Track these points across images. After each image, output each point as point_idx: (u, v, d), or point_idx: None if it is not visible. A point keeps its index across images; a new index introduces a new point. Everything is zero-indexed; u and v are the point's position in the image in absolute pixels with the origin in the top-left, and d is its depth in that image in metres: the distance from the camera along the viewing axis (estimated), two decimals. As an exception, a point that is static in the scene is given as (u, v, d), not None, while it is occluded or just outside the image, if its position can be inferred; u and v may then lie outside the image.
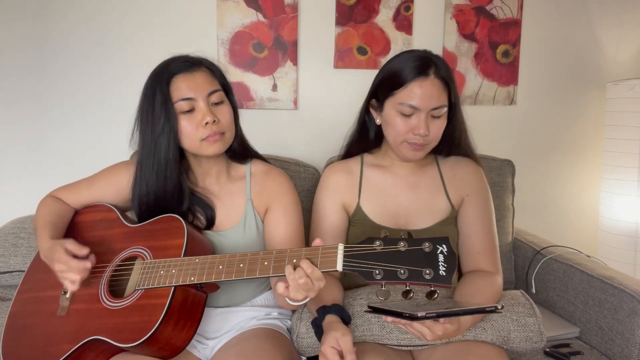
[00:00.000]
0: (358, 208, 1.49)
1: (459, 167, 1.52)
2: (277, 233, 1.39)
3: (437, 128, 1.38)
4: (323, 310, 1.26)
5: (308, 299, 1.12)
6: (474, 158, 1.55)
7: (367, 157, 1.56)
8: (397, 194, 1.49)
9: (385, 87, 1.40)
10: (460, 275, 1.50)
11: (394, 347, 1.34)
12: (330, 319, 1.23)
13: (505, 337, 1.31)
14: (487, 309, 1.08)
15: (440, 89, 1.35)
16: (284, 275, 1.08)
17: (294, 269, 1.07)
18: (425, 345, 1.31)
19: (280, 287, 1.09)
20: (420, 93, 1.33)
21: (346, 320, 1.26)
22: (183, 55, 1.35)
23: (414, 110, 1.35)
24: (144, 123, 1.32)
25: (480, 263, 1.44)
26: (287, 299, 1.15)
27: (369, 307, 1.20)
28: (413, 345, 1.32)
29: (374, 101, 1.46)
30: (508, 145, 2.39)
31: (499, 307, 1.06)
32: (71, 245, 1.25)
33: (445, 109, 1.37)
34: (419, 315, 1.01)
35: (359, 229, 1.49)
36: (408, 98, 1.34)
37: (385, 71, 1.43)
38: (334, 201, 1.50)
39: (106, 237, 1.38)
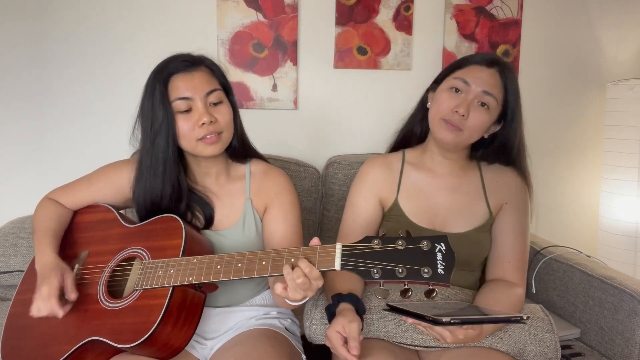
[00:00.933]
0: (395, 203, 1.47)
1: (502, 175, 1.49)
2: (276, 232, 1.39)
3: (478, 119, 1.36)
4: (338, 298, 1.25)
5: (307, 298, 1.12)
6: (525, 174, 1.53)
7: (409, 154, 1.53)
8: (436, 195, 1.47)
9: (449, 68, 1.44)
10: (482, 280, 1.50)
11: (407, 346, 1.33)
12: (344, 307, 1.22)
13: (521, 349, 1.29)
14: (512, 319, 1.07)
15: (498, 83, 1.37)
16: (282, 275, 1.08)
17: (292, 268, 1.07)
18: (438, 347, 1.30)
19: (279, 287, 1.08)
20: (477, 74, 1.36)
21: (360, 311, 1.24)
22: (185, 53, 1.35)
23: (464, 86, 1.36)
24: (144, 121, 1.33)
25: (506, 273, 1.42)
26: (285, 299, 1.15)
27: (388, 305, 1.20)
28: (427, 346, 1.31)
29: (434, 85, 1.47)
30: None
31: (524, 318, 1.06)
32: (69, 281, 1.24)
33: (496, 102, 1.37)
34: (443, 320, 1.01)
35: (394, 225, 1.46)
36: (464, 74, 1.38)
37: (456, 60, 1.47)
38: (370, 195, 1.48)
39: (104, 237, 1.37)
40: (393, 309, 1.17)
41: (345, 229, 1.49)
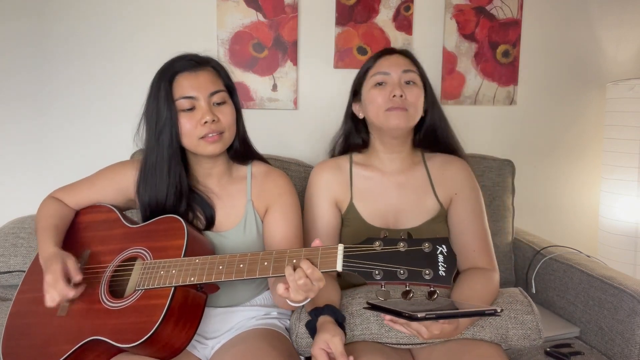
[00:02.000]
0: (351, 205, 1.50)
1: (448, 166, 1.53)
2: (276, 234, 1.39)
3: (414, 94, 1.43)
4: (315, 312, 1.26)
5: (308, 299, 1.12)
6: (462, 155, 1.57)
7: (356, 156, 1.57)
8: (386, 194, 1.50)
9: (359, 78, 1.53)
10: (456, 273, 1.50)
11: (393, 345, 1.34)
12: (324, 320, 1.23)
13: (504, 335, 1.31)
14: (486, 312, 1.08)
15: (408, 61, 1.47)
16: (284, 276, 1.08)
17: (294, 269, 1.07)
18: (424, 343, 1.32)
19: (280, 288, 1.09)
20: (389, 62, 1.46)
21: (340, 320, 1.26)
22: (192, 53, 1.36)
23: (385, 77, 1.43)
24: (148, 119, 1.34)
25: (476, 260, 1.44)
26: (287, 300, 1.15)
27: (368, 303, 1.20)
28: (412, 344, 1.32)
29: (354, 99, 1.55)
30: (508, 145, 2.39)
31: (499, 311, 1.07)
32: (71, 264, 1.24)
33: (418, 77, 1.45)
34: (418, 316, 1.01)
35: (352, 229, 1.50)
36: (378, 67, 1.46)
37: (359, 71, 1.55)
38: (326, 199, 1.51)
39: (106, 237, 1.38)
40: (373, 306, 1.17)
41: (308, 239, 1.50)
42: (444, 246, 1.00)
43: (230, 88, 1.39)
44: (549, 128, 2.43)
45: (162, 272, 1.19)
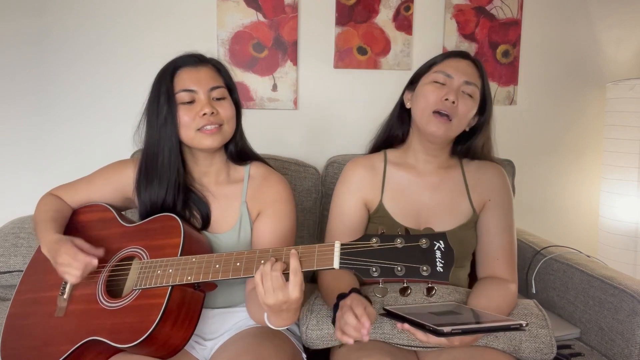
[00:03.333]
0: (380, 205, 1.47)
1: (484, 171, 1.50)
2: (262, 239, 1.38)
3: (466, 107, 1.38)
4: (341, 296, 1.22)
5: (284, 327, 1.13)
6: (496, 162, 1.54)
7: (391, 154, 1.53)
8: (419, 194, 1.47)
9: (423, 67, 1.47)
10: (473, 278, 1.49)
11: (404, 347, 1.33)
12: (352, 297, 1.19)
13: (517, 346, 1.29)
14: (511, 327, 1.07)
15: (476, 73, 1.42)
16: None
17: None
18: (435, 347, 1.30)
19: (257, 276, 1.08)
20: (456, 65, 1.40)
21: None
22: (196, 52, 1.37)
23: (447, 79, 1.39)
24: (150, 114, 1.34)
25: (496, 269, 1.42)
26: (265, 319, 1.16)
27: (384, 310, 1.18)
28: (423, 347, 1.31)
29: (409, 87, 1.50)
30: (508, 145, 2.38)
31: (524, 325, 1.06)
32: (80, 241, 1.26)
33: (478, 92, 1.41)
34: (444, 331, 1.00)
35: (380, 225, 1.46)
36: (444, 67, 1.41)
37: (429, 60, 1.49)
38: (354, 198, 1.47)
39: (103, 237, 1.37)
40: (390, 313, 1.16)
41: (332, 232, 1.49)
42: (441, 242, 0.99)
43: (231, 87, 1.40)
44: (549, 128, 2.43)
45: (159, 271, 1.18)
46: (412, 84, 1.49)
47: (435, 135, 1.38)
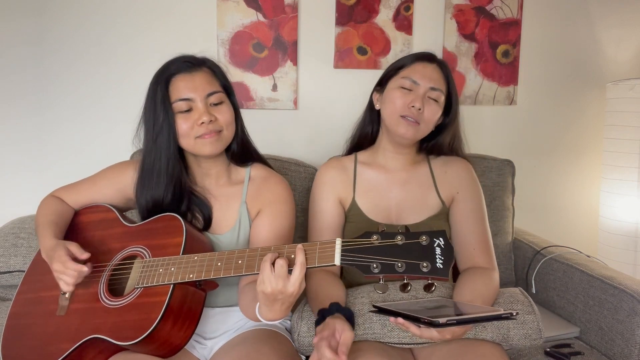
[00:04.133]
0: (353, 203, 1.52)
1: (450, 165, 1.55)
2: (259, 237, 1.38)
3: (432, 112, 1.45)
4: (323, 313, 1.24)
5: (278, 320, 1.13)
6: (463, 156, 1.60)
7: (361, 155, 1.61)
8: (390, 190, 1.53)
9: (391, 70, 1.53)
10: (456, 272, 1.51)
11: (395, 345, 1.34)
12: (332, 317, 1.21)
13: (505, 334, 1.31)
14: (503, 316, 1.09)
15: (441, 78, 1.48)
16: None
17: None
18: (425, 343, 1.31)
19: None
20: (422, 71, 1.46)
21: (350, 318, 1.24)
22: (187, 55, 1.36)
23: (413, 85, 1.45)
24: (146, 121, 1.34)
25: (476, 259, 1.45)
26: (256, 311, 1.16)
27: (375, 307, 1.19)
28: (414, 344, 1.32)
29: (378, 88, 1.56)
30: (508, 145, 2.39)
31: (514, 314, 1.08)
32: (74, 247, 1.25)
33: (443, 97, 1.47)
34: (440, 322, 1.01)
35: (354, 225, 1.51)
36: (410, 73, 1.47)
37: (394, 62, 1.56)
38: (330, 196, 1.53)
39: (105, 237, 1.38)
40: (380, 310, 1.17)
41: (312, 232, 1.54)
42: (441, 239, 1.01)
43: (228, 88, 1.39)
44: (549, 128, 2.43)
45: (161, 270, 1.19)
46: (381, 85, 1.56)
47: (404, 137, 1.45)
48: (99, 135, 2.11)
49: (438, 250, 1.00)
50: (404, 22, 2.21)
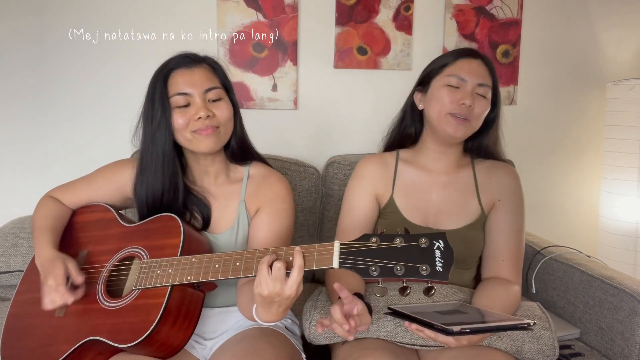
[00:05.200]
0: (391, 200, 1.48)
1: (495, 171, 1.50)
2: (258, 237, 1.37)
3: (481, 107, 1.41)
4: None
5: (270, 322, 1.13)
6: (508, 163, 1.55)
7: (403, 153, 1.55)
8: (429, 192, 1.48)
9: (434, 68, 1.47)
10: (478, 278, 1.49)
11: (406, 345, 1.33)
12: None
13: (519, 347, 1.29)
14: (519, 326, 1.08)
15: (487, 73, 1.44)
16: None
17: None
18: (438, 346, 1.30)
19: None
20: (468, 67, 1.42)
21: (369, 310, 1.23)
22: (188, 52, 1.35)
23: (460, 82, 1.40)
24: (145, 117, 1.33)
25: (502, 270, 1.42)
26: (253, 312, 1.16)
27: (389, 309, 1.18)
28: (426, 346, 1.31)
29: (419, 88, 1.51)
30: (508, 145, 2.37)
31: (531, 324, 1.07)
32: (72, 265, 1.24)
33: (490, 92, 1.43)
34: (454, 330, 1.00)
35: (389, 221, 1.48)
36: (457, 70, 1.42)
37: (435, 59, 1.50)
38: (366, 191, 1.49)
39: (103, 237, 1.37)
40: (395, 312, 1.16)
41: (343, 226, 1.50)
42: (440, 241, 0.99)
43: (227, 86, 1.38)
44: (549, 128, 2.43)
45: (158, 271, 1.18)
46: (422, 84, 1.50)
47: (454, 136, 1.40)
48: (99, 135, 2.11)
49: (438, 253, 0.98)
50: (404, 22, 2.21)
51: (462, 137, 1.42)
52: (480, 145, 1.52)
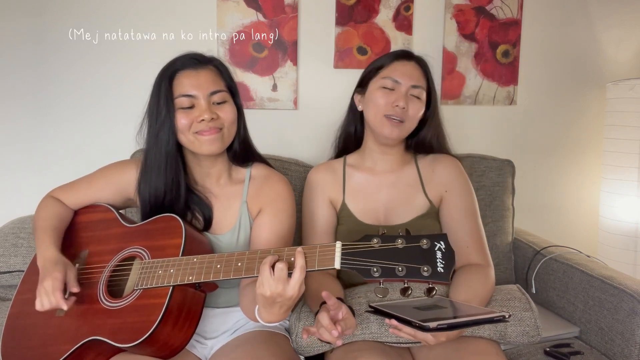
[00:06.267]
0: (344, 205, 1.54)
1: (437, 164, 1.55)
2: (261, 237, 1.37)
3: (415, 109, 1.47)
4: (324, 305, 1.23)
5: (272, 323, 1.13)
6: (451, 154, 1.60)
7: (349, 158, 1.62)
8: (378, 192, 1.54)
9: (370, 71, 1.54)
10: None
11: (393, 344, 1.34)
12: None
13: (502, 332, 1.32)
14: (495, 319, 1.09)
15: (421, 75, 1.50)
16: None
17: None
18: (420, 343, 1.31)
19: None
20: (403, 70, 1.48)
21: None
22: (195, 52, 1.36)
23: (395, 85, 1.46)
24: (150, 116, 1.34)
25: (470, 257, 1.45)
26: (255, 312, 1.16)
27: (370, 307, 1.19)
28: (412, 343, 1.32)
29: (359, 89, 1.57)
30: (508, 145, 2.38)
31: (507, 316, 1.08)
32: (71, 275, 1.24)
33: (424, 94, 1.48)
34: (430, 327, 1.01)
35: (346, 227, 1.52)
36: (391, 72, 1.48)
37: (373, 61, 1.56)
38: (321, 198, 1.55)
39: (104, 237, 1.37)
40: (376, 311, 1.17)
41: (306, 236, 1.55)
42: (442, 242, 1.00)
43: (232, 89, 1.38)
44: (549, 128, 2.43)
45: (160, 272, 1.18)
46: (361, 86, 1.57)
47: (389, 137, 1.46)
48: (99, 135, 2.11)
49: (439, 254, 0.99)
50: (404, 22, 2.21)
51: (398, 138, 1.47)
52: (420, 142, 1.57)
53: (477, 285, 1.36)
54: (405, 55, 1.51)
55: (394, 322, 1.11)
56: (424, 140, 1.56)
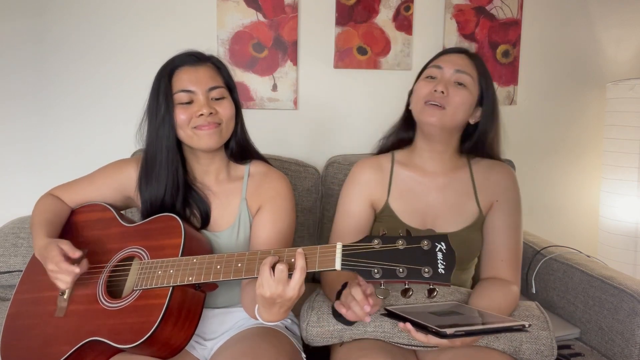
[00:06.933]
0: (386, 205, 1.47)
1: (492, 172, 1.48)
2: (261, 235, 1.37)
3: (459, 95, 1.36)
4: (346, 284, 1.20)
5: (272, 322, 1.13)
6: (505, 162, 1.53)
7: (398, 155, 1.53)
8: (426, 194, 1.46)
9: (422, 69, 1.48)
10: (475, 278, 1.49)
11: (404, 346, 1.33)
12: None
13: (517, 347, 1.28)
14: (514, 328, 1.07)
15: (469, 63, 1.41)
16: None
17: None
18: (435, 347, 1.30)
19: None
20: (448, 58, 1.42)
21: None
22: (194, 50, 1.37)
23: (438, 72, 1.40)
24: (150, 113, 1.35)
25: (501, 271, 1.41)
26: (255, 312, 1.17)
27: (385, 310, 1.18)
28: (423, 346, 1.31)
29: (411, 90, 1.49)
30: (508, 145, 2.37)
31: (527, 326, 1.06)
32: (66, 246, 1.24)
33: (472, 81, 1.39)
34: (447, 333, 1.00)
35: (385, 225, 1.46)
36: (435, 61, 1.43)
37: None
38: (361, 197, 1.47)
39: (103, 237, 1.37)
40: (391, 314, 1.16)
41: (337, 231, 1.49)
42: (442, 243, 0.98)
43: (231, 86, 1.39)
44: (549, 128, 2.43)
45: (159, 272, 1.18)
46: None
47: (430, 123, 1.37)
48: (99, 135, 2.11)
49: (440, 255, 0.98)
50: (404, 22, 2.21)
51: (439, 124, 1.36)
52: (476, 145, 1.48)
53: (499, 297, 1.32)
54: (457, 50, 1.45)
55: (408, 326, 1.09)
56: (480, 145, 1.47)
